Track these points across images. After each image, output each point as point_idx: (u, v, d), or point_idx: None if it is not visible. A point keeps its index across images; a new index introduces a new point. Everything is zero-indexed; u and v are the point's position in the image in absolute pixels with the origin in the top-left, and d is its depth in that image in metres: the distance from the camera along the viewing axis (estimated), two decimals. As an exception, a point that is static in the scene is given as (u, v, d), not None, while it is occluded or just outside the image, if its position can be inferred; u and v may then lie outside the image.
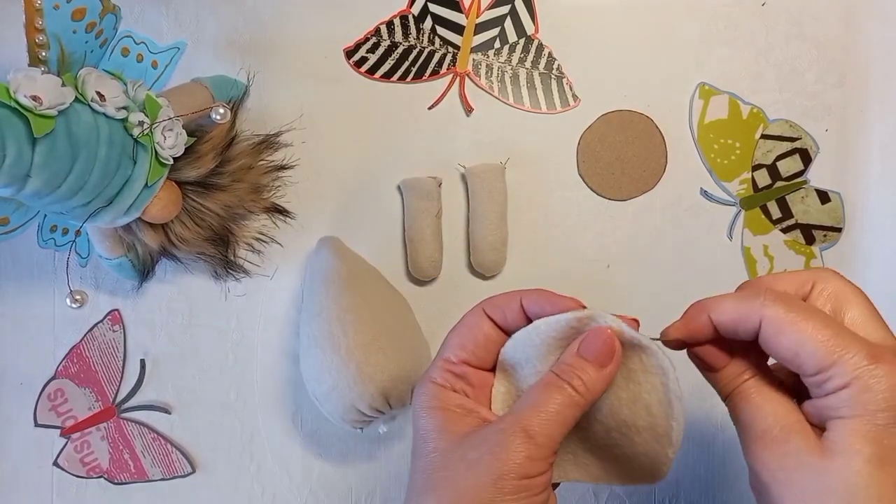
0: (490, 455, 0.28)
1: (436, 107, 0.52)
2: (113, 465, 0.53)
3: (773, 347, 0.28)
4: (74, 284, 0.52)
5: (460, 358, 0.32)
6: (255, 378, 0.53)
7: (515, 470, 0.27)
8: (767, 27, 0.52)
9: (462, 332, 0.33)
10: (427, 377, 0.32)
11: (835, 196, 0.51)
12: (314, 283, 0.48)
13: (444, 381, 0.32)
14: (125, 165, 0.41)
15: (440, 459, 0.29)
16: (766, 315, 0.28)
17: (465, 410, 0.31)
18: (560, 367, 0.30)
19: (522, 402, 0.30)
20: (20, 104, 0.34)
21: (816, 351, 0.26)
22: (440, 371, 0.32)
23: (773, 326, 0.28)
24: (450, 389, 0.31)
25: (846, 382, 0.26)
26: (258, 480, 0.53)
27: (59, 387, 0.53)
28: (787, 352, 0.27)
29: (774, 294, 0.28)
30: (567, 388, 0.29)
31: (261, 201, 0.50)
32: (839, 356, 0.26)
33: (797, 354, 0.27)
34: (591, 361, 0.29)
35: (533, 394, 0.30)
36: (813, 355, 0.27)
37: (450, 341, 0.33)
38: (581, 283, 0.52)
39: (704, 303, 0.30)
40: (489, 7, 0.52)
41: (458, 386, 0.32)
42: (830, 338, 0.27)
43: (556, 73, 0.52)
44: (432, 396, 0.31)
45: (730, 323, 0.29)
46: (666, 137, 0.52)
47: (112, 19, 0.41)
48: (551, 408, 0.29)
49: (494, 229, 0.50)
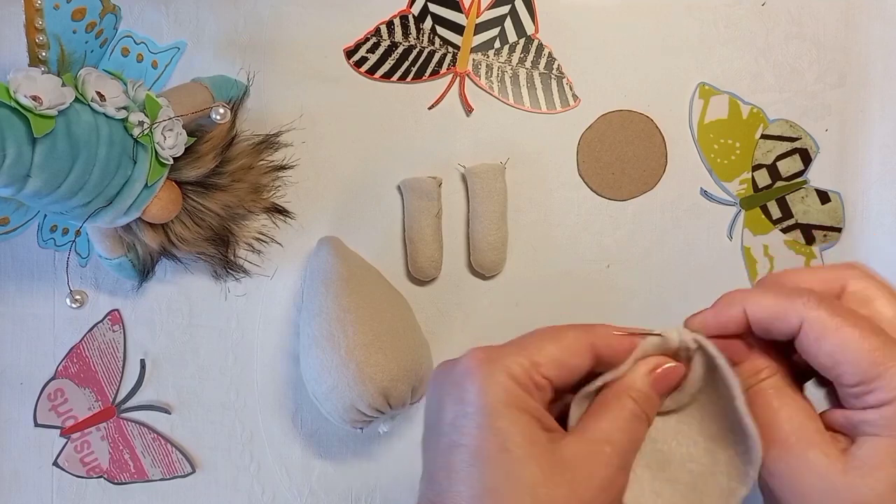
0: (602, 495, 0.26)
1: (436, 107, 0.52)
2: (113, 465, 0.53)
3: (813, 352, 0.26)
4: (74, 284, 0.52)
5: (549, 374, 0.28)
6: (255, 378, 0.53)
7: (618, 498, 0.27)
8: (767, 27, 0.52)
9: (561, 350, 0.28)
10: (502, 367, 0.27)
11: (835, 196, 0.51)
12: (314, 283, 0.48)
13: (526, 384, 0.27)
14: (125, 165, 0.41)
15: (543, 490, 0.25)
16: (810, 317, 0.26)
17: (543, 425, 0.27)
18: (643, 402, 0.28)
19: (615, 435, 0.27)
20: (20, 104, 0.34)
21: (861, 361, 0.25)
22: (523, 372, 0.27)
23: (815, 330, 0.26)
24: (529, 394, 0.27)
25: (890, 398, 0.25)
26: (258, 480, 0.53)
27: (59, 387, 0.53)
28: (828, 359, 0.26)
29: (818, 296, 0.26)
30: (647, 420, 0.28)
31: (261, 201, 0.50)
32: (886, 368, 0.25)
33: (838, 363, 0.26)
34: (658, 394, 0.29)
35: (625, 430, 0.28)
36: (857, 365, 0.25)
37: (544, 350, 0.28)
38: (581, 283, 0.52)
39: (738, 294, 0.28)
40: (489, 7, 0.52)
41: (536, 396, 0.27)
42: (877, 348, 0.25)
43: (556, 73, 0.52)
44: (516, 396, 0.26)
45: (766, 320, 0.27)
46: (666, 137, 0.52)
47: (112, 19, 0.41)
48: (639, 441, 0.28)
49: (494, 229, 0.50)
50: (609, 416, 0.28)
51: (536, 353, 0.28)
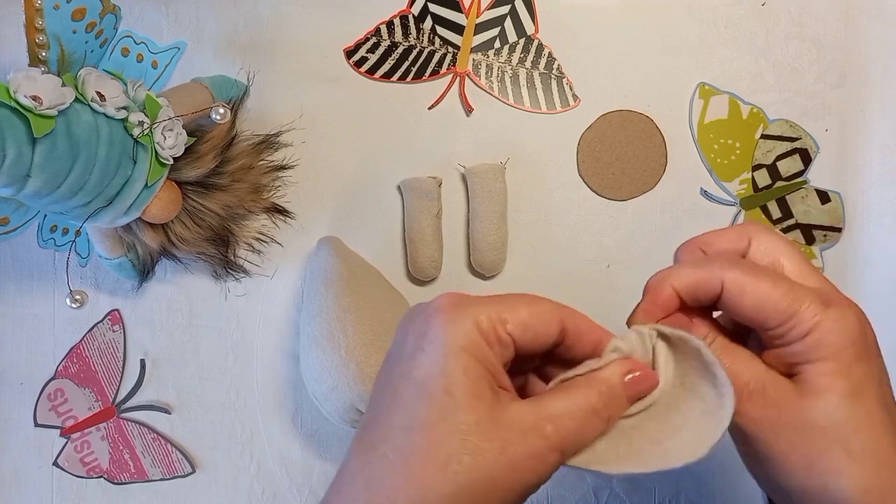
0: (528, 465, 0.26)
1: (436, 107, 0.52)
2: (113, 465, 0.53)
3: (737, 307, 0.29)
4: (74, 284, 0.52)
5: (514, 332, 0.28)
6: (255, 378, 0.53)
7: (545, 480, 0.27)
8: (767, 27, 0.52)
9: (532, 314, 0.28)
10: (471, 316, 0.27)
11: (835, 196, 0.51)
12: (314, 283, 0.48)
13: (490, 335, 0.27)
14: (125, 165, 0.41)
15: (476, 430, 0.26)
16: (728, 278, 0.29)
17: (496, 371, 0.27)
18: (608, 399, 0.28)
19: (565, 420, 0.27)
20: (20, 104, 0.34)
21: (779, 304, 0.28)
22: (490, 323, 0.27)
23: (735, 287, 0.29)
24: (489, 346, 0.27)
25: (809, 329, 0.28)
26: (258, 480, 0.53)
27: (59, 387, 0.53)
28: (751, 310, 0.29)
29: (730, 258, 0.30)
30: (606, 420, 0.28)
31: (261, 201, 0.50)
32: (798, 305, 0.28)
33: (761, 311, 0.28)
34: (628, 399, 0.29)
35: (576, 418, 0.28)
36: (776, 309, 0.28)
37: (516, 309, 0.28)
38: (581, 283, 0.52)
39: (662, 275, 0.31)
40: (489, 7, 0.52)
41: (496, 350, 0.28)
42: (787, 292, 0.28)
43: (556, 73, 0.52)
44: (476, 344, 0.27)
45: (691, 288, 0.30)
46: (666, 137, 0.52)
47: (112, 19, 0.41)
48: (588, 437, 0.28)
49: (494, 229, 0.50)
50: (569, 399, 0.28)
51: (507, 310, 0.28)
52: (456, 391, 0.26)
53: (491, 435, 0.26)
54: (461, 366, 0.26)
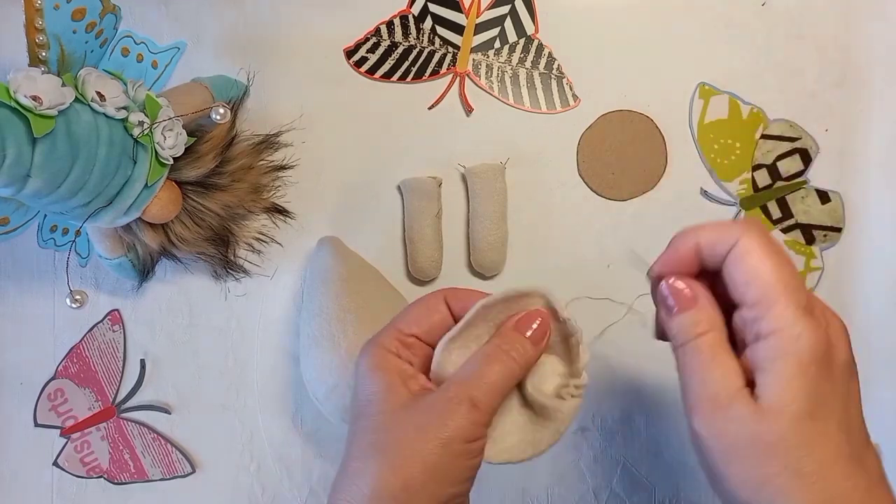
0: (439, 420, 0.30)
1: (436, 107, 0.52)
2: (113, 465, 0.53)
3: (734, 268, 0.29)
4: (74, 284, 0.52)
5: (412, 331, 0.34)
6: (255, 378, 0.53)
7: (462, 435, 0.30)
8: (767, 27, 0.52)
9: (420, 310, 0.35)
10: (376, 341, 0.34)
11: (835, 196, 0.51)
12: (314, 283, 0.48)
13: (392, 348, 0.34)
14: (125, 165, 0.41)
15: (387, 422, 0.31)
16: (744, 238, 0.29)
17: (407, 376, 0.33)
18: (499, 340, 0.33)
19: (466, 371, 0.32)
20: (20, 104, 0.34)
21: (765, 285, 0.28)
22: (390, 338, 0.34)
23: (744, 248, 0.29)
24: (395, 355, 0.33)
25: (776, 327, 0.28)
26: (258, 480, 0.53)
27: (59, 387, 0.53)
28: (743, 276, 0.29)
29: (757, 225, 0.30)
30: (506, 358, 0.32)
31: (261, 201, 0.50)
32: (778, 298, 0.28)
33: (749, 281, 0.28)
34: (527, 338, 0.33)
35: (475, 364, 0.32)
36: (760, 287, 0.28)
37: (406, 315, 0.35)
38: (581, 283, 0.52)
39: (688, 229, 0.31)
40: (489, 7, 0.52)
41: (404, 354, 0.34)
42: (780, 280, 0.28)
43: (556, 73, 0.52)
44: (380, 359, 0.33)
45: (712, 242, 0.30)
46: (666, 137, 0.52)
47: (112, 19, 0.41)
48: (492, 378, 0.32)
49: (494, 229, 0.50)
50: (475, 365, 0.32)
51: (401, 320, 0.34)
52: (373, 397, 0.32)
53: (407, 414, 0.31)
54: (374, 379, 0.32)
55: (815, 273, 0.51)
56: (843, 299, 0.51)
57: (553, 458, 0.52)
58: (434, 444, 0.30)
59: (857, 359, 0.30)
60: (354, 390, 0.34)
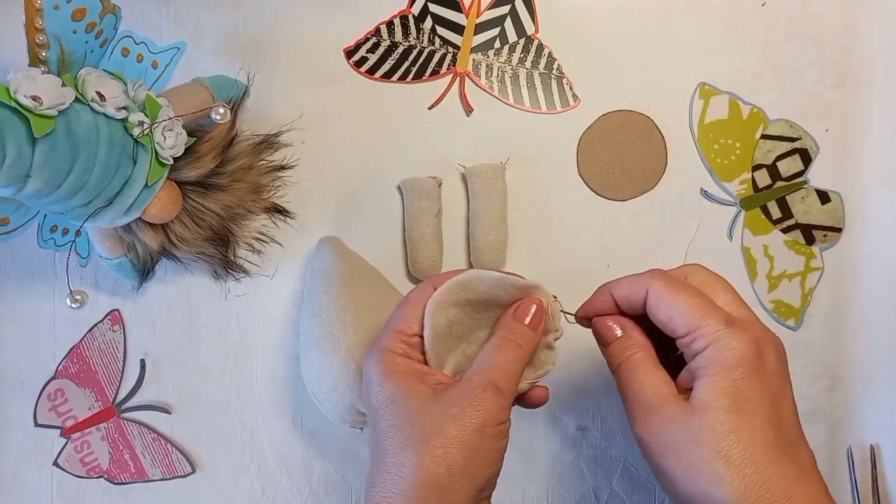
0: (470, 407, 0.33)
1: (436, 107, 0.52)
2: (113, 465, 0.53)
3: (655, 313, 0.34)
4: (74, 284, 0.52)
5: (414, 331, 0.36)
6: (255, 378, 0.53)
7: (492, 419, 0.33)
8: (767, 27, 0.52)
9: (412, 306, 0.36)
10: (380, 346, 0.36)
11: (835, 196, 0.51)
12: (314, 282, 0.48)
13: (398, 350, 0.36)
14: (125, 165, 0.41)
15: (418, 416, 0.33)
16: (652, 286, 0.34)
17: (423, 373, 0.35)
18: (504, 330, 0.36)
19: (482, 361, 0.35)
20: (20, 104, 0.34)
21: (685, 316, 0.32)
22: (393, 340, 0.36)
23: (655, 295, 0.34)
24: (404, 356, 0.35)
25: (708, 343, 0.32)
26: (258, 480, 0.53)
27: (59, 387, 0.53)
28: (664, 316, 0.33)
29: (660, 272, 0.35)
30: (514, 346, 0.35)
31: (261, 201, 0.50)
32: (703, 321, 0.32)
33: (671, 318, 0.33)
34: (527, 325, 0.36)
35: (489, 354, 0.35)
36: (683, 319, 0.33)
37: (400, 314, 0.37)
38: (581, 283, 0.52)
39: (607, 284, 0.37)
40: (489, 7, 0.52)
41: (411, 354, 0.36)
42: (698, 307, 0.33)
43: (556, 73, 0.52)
44: (390, 363, 0.35)
45: (625, 295, 0.36)
46: (666, 137, 0.52)
47: (112, 19, 0.41)
48: (507, 365, 0.35)
49: (494, 229, 0.50)
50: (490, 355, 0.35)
51: (396, 321, 0.36)
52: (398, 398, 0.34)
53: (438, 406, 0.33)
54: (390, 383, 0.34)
55: (815, 273, 0.51)
56: (843, 299, 0.51)
57: (553, 459, 0.52)
58: (471, 429, 0.32)
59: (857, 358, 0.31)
60: (367, 395, 0.35)
